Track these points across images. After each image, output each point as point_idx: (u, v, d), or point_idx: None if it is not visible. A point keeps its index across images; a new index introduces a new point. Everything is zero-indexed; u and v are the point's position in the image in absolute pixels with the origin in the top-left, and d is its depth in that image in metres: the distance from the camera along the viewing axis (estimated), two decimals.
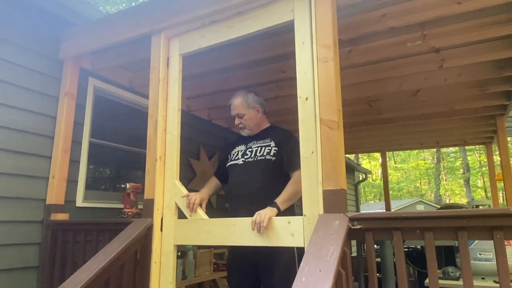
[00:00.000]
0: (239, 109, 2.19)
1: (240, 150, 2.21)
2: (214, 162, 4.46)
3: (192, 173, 4.22)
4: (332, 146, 1.64)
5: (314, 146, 1.70)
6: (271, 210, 1.80)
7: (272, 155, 2.08)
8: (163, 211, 2.10)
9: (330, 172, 1.61)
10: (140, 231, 1.94)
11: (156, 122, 2.18)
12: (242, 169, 2.09)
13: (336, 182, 1.60)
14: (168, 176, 2.14)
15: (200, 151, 4.31)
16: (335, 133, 1.64)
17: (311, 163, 1.70)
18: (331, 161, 1.62)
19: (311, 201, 1.65)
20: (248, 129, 2.21)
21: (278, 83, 3.30)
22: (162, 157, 2.16)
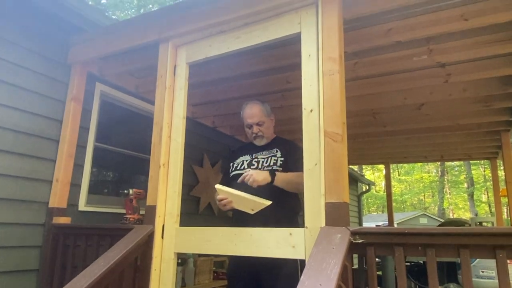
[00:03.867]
0: (259, 117, 2.18)
1: (245, 160, 2.20)
2: (217, 170, 4.47)
3: (195, 180, 4.22)
4: (336, 159, 1.64)
5: (318, 158, 1.70)
6: (265, 174, 1.83)
7: (279, 166, 2.08)
8: (164, 218, 2.10)
9: (333, 185, 1.61)
10: (141, 238, 1.94)
11: (161, 129, 2.19)
12: None
13: (339, 195, 1.60)
14: (171, 183, 2.14)
15: (203, 158, 4.32)
16: (339, 146, 1.65)
17: (314, 175, 1.70)
18: (334, 174, 1.62)
19: (313, 213, 1.65)
20: (266, 137, 2.20)
21: (284, 93, 3.31)
22: (166, 164, 2.16)
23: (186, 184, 4.02)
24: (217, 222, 4.36)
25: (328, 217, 1.59)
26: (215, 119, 4.31)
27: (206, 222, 4.27)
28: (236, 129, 4.62)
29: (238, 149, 2.38)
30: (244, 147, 2.34)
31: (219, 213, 4.39)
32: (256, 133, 2.18)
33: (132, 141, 3.46)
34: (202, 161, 4.31)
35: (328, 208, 1.60)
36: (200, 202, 4.24)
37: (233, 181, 2.15)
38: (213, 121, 4.35)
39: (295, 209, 2.12)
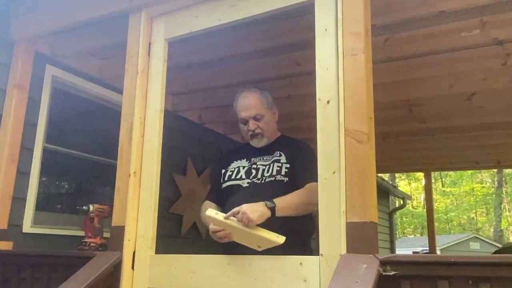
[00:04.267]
0: (257, 108, 2.20)
1: (242, 166, 2.22)
2: (205, 179, 4.49)
3: (175, 193, 4.23)
4: (360, 165, 1.64)
5: (337, 164, 1.70)
6: (263, 209, 1.85)
7: (283, 175, 2.10)
8: (136, 242, 2.11)
9: (356, 199, 1.62)
10: (104, 269, 1.96)
11: (132, 126, 2.21)
12: (247, 193, 2.10)
13: (364, 213, 1.60)
14: (144, 196, 2.15)
15: (187, 164, 4.34)
16: (364, 148, 1.65)
17: (332, 186, 1.70)
18: (359, 185, 1.63)
19: (331, 237, 1.65)
20: (266, 136, 2.22)
21: (292, 78, 3.32)
22: (138, 172, 2.18)
23: (165, 198, 4.00)
24: (205, 248, 4.25)
25: (351, 241, 1.59)
26: (203, 113, 4.33)
27: (191, 248, 4.26)
28: (231, 126, 4.65)
29: (231, 151, 2.41)
30: (239, 149, 2.37)
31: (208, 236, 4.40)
32: (253, 130, 2.19)
33: (94, 141, 3.46)
34: (186, 167, 4.32)
35: (350, 229, 1.60)
36: (182, 221, 4.25)
37: (226, 194, 2.18)
38: (199, 115, 4.38)
39: (307, 230, 2.14)
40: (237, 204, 2.02)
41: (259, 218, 1.83)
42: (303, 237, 2.12)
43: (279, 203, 1.92)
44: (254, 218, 1.81)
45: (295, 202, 1.98)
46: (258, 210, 1.85)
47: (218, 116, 4.31)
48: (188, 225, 4.29)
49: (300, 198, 1.99)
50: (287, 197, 1.97)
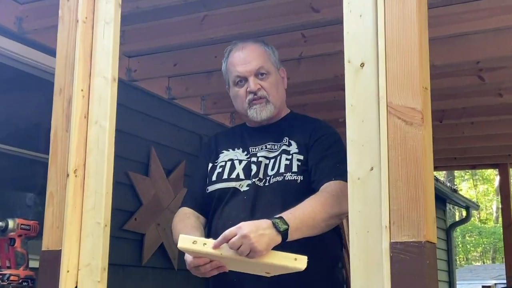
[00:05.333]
0: (261, 61, 2.25)
1: (237, 160, 2.26)
2: (176, 181, 4.55)
3: (133, 202, 4.27)
4: (412, 158, 1.64)
5: (376, 158, 1.70)
6: (270, 232, 1.86)
7: (295, 172, 2.14)
8: (78, 275, 2.10)
9: (406, 208, 1.61)
10: None
11: (70, 103, 2.22)
12: (247, 202, 2.14)
13: (418, 229, 1.59)
14: (89, 206, 2.14)
15: (150, 160, 4.37)
16: (417, 133, 1.65)
17: (369, 189, 1.70)
18: (410, 187, 1.62)
19: (366, 265, 1.65)
20: (273, 103, 2.25)
21: (305, 31, 3.32)
22: (80, 170, 2.18)
23: (117, 209, 3.96)
24: (178, 281, 4.41)
25: (397, 271, 1.58)
26: (173, 83, 4.35)
27: (157, 282, 4.30)
28: (213, 103, 4.68)
29: (219, 136, 2.45)
30: (231, 133, 2.43)
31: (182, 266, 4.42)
32: (255, 91, 2.22)
33: (10, 127, 3.47)
34: (148, 164, 4.36)
35: (397, 254, 1.59)
36: (143, 243, 4.28)
37: (214, 201, 2.22)
38: (167, 86, 4.40)
39: (334, 253, 2.21)
40: (232, 218, 2.09)
41: (267, 248, 1.83)
42: (328, 264, 2.15)
43: (293, 222, 1.90)
44: (260, 248, 1.80)
45: (313, 216, 1.97)
46: (264, 234, 1.83)
47: (195, 87, 4.33)
48: (153, 248, 4.33)
49: (320, 209, 1.99)
50: (301, 209, 1.97)
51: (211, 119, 4.94)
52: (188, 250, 1.87)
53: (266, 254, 1.83)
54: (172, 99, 4.50)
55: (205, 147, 2.49)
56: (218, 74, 3.89)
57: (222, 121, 5.04)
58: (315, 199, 2.02)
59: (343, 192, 1.89)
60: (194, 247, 1.83)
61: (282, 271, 1.86)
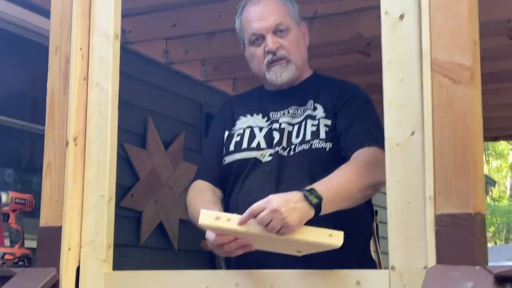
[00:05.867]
0: (280, 16, 2.19)
1: (257, 127, 2.21)
2: (175, 154, 4.57)
3: (129, 176, 4.26)
4: (459, 120, 1.61)
5: (418, 120, 1.68)
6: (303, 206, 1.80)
7: (323, 139, 2.09)
8: (81, 252, 2.10)
9: (453, 177, 1.59)
10: None
11: (67, 64, 2.19)
12: (271, 173, 2.10)
13: (467, 199, 1.56)
14: (92, 178, 2.13)
15: (147, 131, 4.38)
16: (465, 92, 1.61)
17: (410, 156, 1.68)
18: (457, 153, 1.60)
19: (407, 240, 1.65)
20: (294, 63, 2.19)
21: None
22: (80, 138, 2.16)
23: None
24: (179, 263, 4.43)
25: (444, 245, 1.56)
26: (171, 46, 4.28)
27: (156, 264, 4.30)
28: (214, 68, 4.63)
29: (234, 100, 2.45)
30: (248, 97, 2.38)
31: (183, 246, 4.48)
32: (274, 50, 2.16)
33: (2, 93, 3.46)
34: (145, 136, 4.36)
35: (443, 227, 1.57)
36: (141, 222, 4.30)
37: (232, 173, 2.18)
38: (165, 50, 4.34)
39: (367, 229, 2.21)
40: (254, 192, 2.06)
41: (299, 223, 1.77)
42: (362, 239, 2.13)
43: (326, 194, 1.85)
44: (293, 223, 1.74)
45: (348, 186, 1.92)
46: (296, 208, 1.77)
47: (195, 50, 4.26)
48: (151, 227, 4.35)
49: (354, 179, 1.93)
50: (334, 179, 1.92)
51: (212, 87, 4.92)
52: (211, 227, 1.80)
53: (298, 230, 1.77)
54: (170, 63, 4.46)
55: (219, 113, 2.43)
56: (221, 35, 3.85)
57: (224, 88, 5.03)
58: (348, 168, 1.97)
59: (378, 160, 1.88)
60: (217, 224, 1.76)
61: (315, 249, 1.81)
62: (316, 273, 1.79)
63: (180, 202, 4.55)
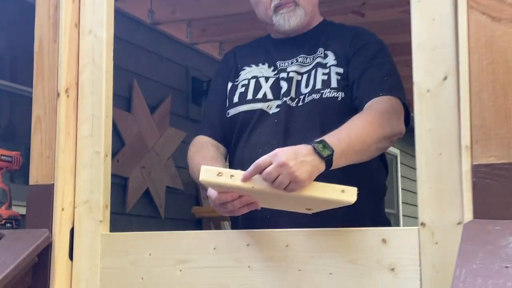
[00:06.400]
0: None
1: (263, 77, 2.14)
2: (161, 119, 4.54)
3: (115, 141, 4.18)
4: (500, 62, 1.53)
5: (451, 64, 1.61)
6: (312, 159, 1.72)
7: (335, 88, 2.02)
8: (75, 213, 2.05)
9: (493, 124, 1.52)
10: (20, 261, 1.89)
11: (57, 8, 2.15)
12: (278, 125, 2.04)
13: (509, 149, 1.49)
14: (86, 132, 2.08)
15: (132, 94, 4.33)
16: (506, 31, 1.52)
17: (441, 102, 1.62)
18: (498, 98, 1.52)
19: (439, 194, 1.59)
20: (304, 8, 2.11)
21: None
22: (73, 89, 2.11)
23: None
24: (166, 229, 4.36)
25: (482, 199, 1.50)
26: (156, 5, 4.22)
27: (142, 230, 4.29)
28: (201, 30, 4.54)
29: (238, 50, 2.33)
30: (252, 46, 2.30)
31: (170, 214, 4.50)
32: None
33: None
34: (130, 99, 4.31)
35: (481, 178, 1.50)
36: (127, 188, 4.28)
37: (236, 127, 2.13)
38: (150, 9, 4.26)
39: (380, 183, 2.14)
40: (261, 146, 1.99)
41: (309, 178, 1.67)
42: (376, 196, 2.07)
43: (338, 146, 1.76)
44: (302, 177, 1.64)
45: (362, 138, 1.84)
46: (306, 161, 1.68)
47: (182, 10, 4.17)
48: (137, 194, 4.33)
49: (369, 130, 1.85)
50: (346, 131, 1.84)
51: (198, 50, 4.84)
52: (213, 184, 1.71)
53: (308, 186, 1.68)
54: (156, 24, 4.36)
55: (222, 64, 2.36)
56: None
57: (211, 52, 4.96)
58: (362, 118, 1.91)
59: (394, 110, 1.83)
60: (220, 180, 1.66)
61: (326, 205, 1.73)
62: (336, 231, 1.73)
63: (167, 168, 4.60)
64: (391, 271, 1.62)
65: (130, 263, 1.95)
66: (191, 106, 4.91)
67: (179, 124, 4.70)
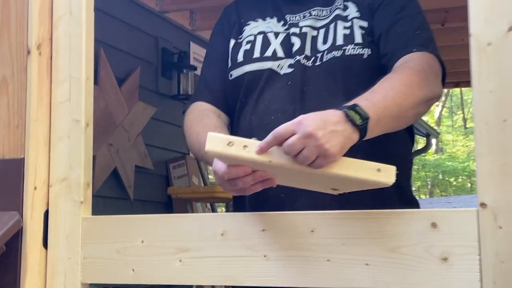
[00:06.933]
0: None
1: (270, 32, 1.98)
2: (130, 92, 4.45)
3: None
4: None
5: None
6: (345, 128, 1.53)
7: (359, 43, 1.87)
8: (50, 193, 1.90)
9: None
10: None
11: None
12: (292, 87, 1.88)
13: None
14: (63, 98, 1.91)
15: (98, 64, 4.24)
16: None
17: (505, 57, 1.47)
18: None
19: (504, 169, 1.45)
20: None
21: None
22: (46, 45, 1.95)
23: None
24: (135, 212, 4.43)
25: None
26: None
27: (110, 215, 4.20)
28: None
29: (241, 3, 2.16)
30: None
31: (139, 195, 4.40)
32: None
33: None
34: (97, 69, 4.20)
35: None
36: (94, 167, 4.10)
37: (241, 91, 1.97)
38: None
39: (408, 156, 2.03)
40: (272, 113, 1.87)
41: (341, 151, 1.48)
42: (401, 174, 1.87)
43: (373, 112, 1.57)
44: (333, 151, 1.44)
45: (399, 102, 1.66)
46: (337, 132, 1.47)
47: None
48: (104, 174, 4.27)
49: (406, 92, 1.68)
50: (380, 93, 1.65)
51: (168, 19, 4.75)
52: (221, 155, 1.49)
53: (336, 162, 1.48)
54: None
55: (222, 19, 2.18)
56: None
57: (181, 22, 4.87)
58: (397, 78, 1.74)
59: (432, 68, 1.72)
60: (230, 151, 1.45)
61: (358, 186, 1.55)
62: (373, 214, 1.55)
63: (136, 146, 4.47)
64: (443, 262, 1.45)
65: (118, 252, 1.77)
66: (161, 80, 4.82)
67: (148, 99, 4.60)
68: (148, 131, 4.50)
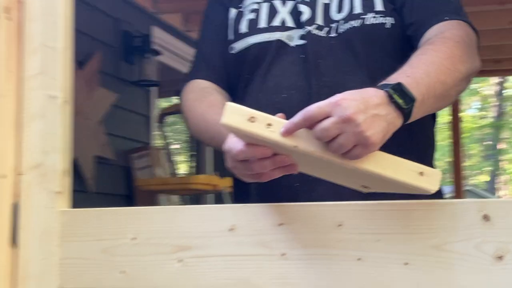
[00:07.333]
0: None
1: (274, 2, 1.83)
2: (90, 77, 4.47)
3: None
4: None
5: None
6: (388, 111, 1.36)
7: (381, 12, 1.72)
8: (21, 182, 1.73)
9: None
10: None
11: None
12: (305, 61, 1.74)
13: None
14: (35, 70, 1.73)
15: None
16: None
17: None
18: None
19: None
20: None
21: None
22: (15, 9, 1.77)
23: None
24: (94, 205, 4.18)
25: None
26: None
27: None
28: None
29: None
30: None
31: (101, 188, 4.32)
32: None
33: None
34: None
35: None
36: None
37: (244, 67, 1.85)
38: None
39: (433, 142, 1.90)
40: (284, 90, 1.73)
41: (383, 139, 1.31)
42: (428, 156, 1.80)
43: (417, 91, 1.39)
44: (375, 139, 1.26)
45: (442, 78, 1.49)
46: (379, 116, 1.30)
47: None
48: None
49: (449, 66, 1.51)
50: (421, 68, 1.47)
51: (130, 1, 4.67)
52: (239, 131, 1.30)
53: (372, 157, 1.31)
54: None
55: None
56: None
57: (143, 3, 4.77)
58: (437, 50, 1.55)
59: (470, 39, 1.57)
60: (251, 128, 1.25)
61: (394, 188, 1.38)
62: (411, 205, 1.37)
63: (96, 135, 4.32)
64: (498, 260, 1.29)
65: (104, 252, 1.58)
66: (123, 65, 4.67)
67: (109, 85, 4.44)
68: (109, 119, 4.38)
